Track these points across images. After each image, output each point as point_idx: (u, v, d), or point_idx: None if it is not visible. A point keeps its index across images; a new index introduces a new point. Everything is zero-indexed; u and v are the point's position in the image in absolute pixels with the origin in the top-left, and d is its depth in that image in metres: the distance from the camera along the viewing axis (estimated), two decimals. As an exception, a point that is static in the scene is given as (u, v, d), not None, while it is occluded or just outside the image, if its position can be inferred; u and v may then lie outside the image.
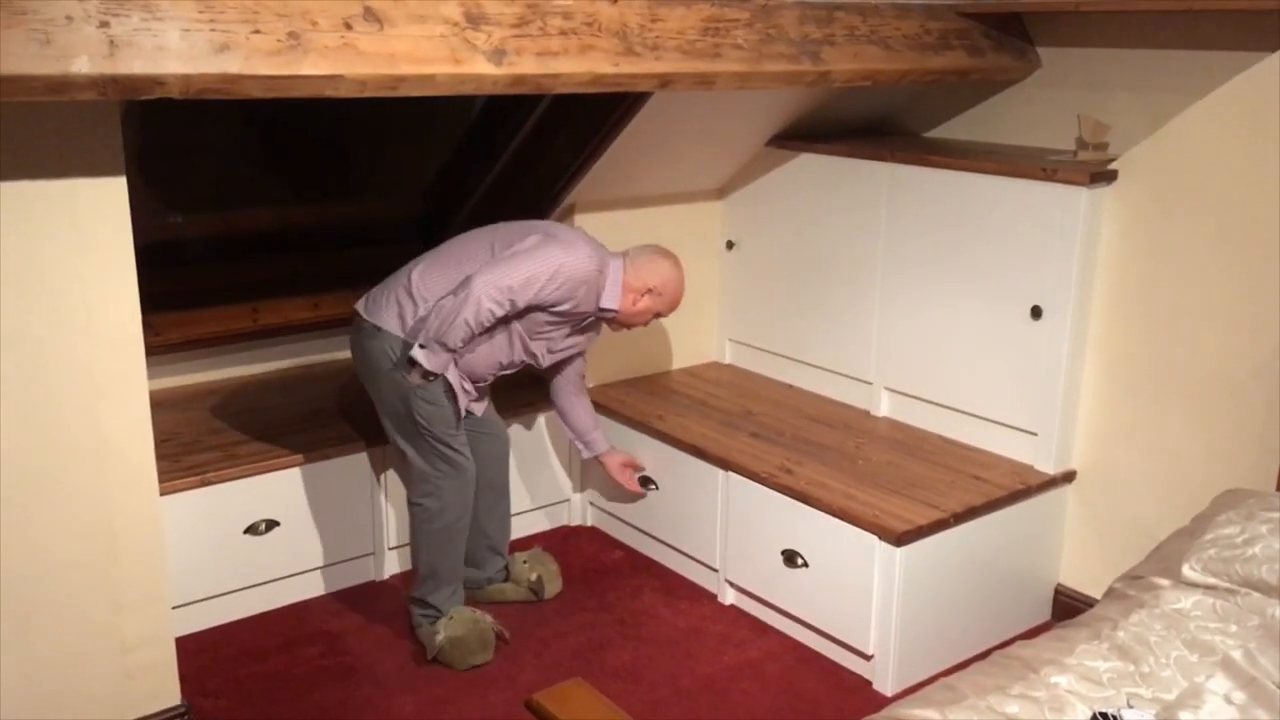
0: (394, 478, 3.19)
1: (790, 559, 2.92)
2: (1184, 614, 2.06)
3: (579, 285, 2.76)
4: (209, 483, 2.89)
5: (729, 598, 3.19)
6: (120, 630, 2.40)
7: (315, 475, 3.06)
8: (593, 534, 3.62)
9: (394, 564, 3.30)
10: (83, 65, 1.85)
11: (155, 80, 1.94)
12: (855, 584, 2.77)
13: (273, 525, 3.02)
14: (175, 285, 3.37)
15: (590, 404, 3.21)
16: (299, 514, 3.06)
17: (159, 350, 3.24)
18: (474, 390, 2.87)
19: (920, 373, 3.27)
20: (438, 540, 2.84)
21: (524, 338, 2.83)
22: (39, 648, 2.31)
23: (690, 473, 3.21)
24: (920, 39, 2.95)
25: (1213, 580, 2.11)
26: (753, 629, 3.07)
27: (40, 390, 2.20)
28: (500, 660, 2.88)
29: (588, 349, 3.07)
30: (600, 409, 3.50)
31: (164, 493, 2.55)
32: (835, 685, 2.81)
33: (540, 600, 3.16)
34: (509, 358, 2.86)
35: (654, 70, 2.50)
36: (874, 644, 2.77)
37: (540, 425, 3.48)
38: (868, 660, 2.81)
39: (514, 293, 2.66)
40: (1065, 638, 2.04)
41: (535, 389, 3.19)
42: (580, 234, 2.86)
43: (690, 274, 3.36)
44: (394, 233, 3.89)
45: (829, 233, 3.45)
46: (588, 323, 2.91)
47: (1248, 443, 2.71)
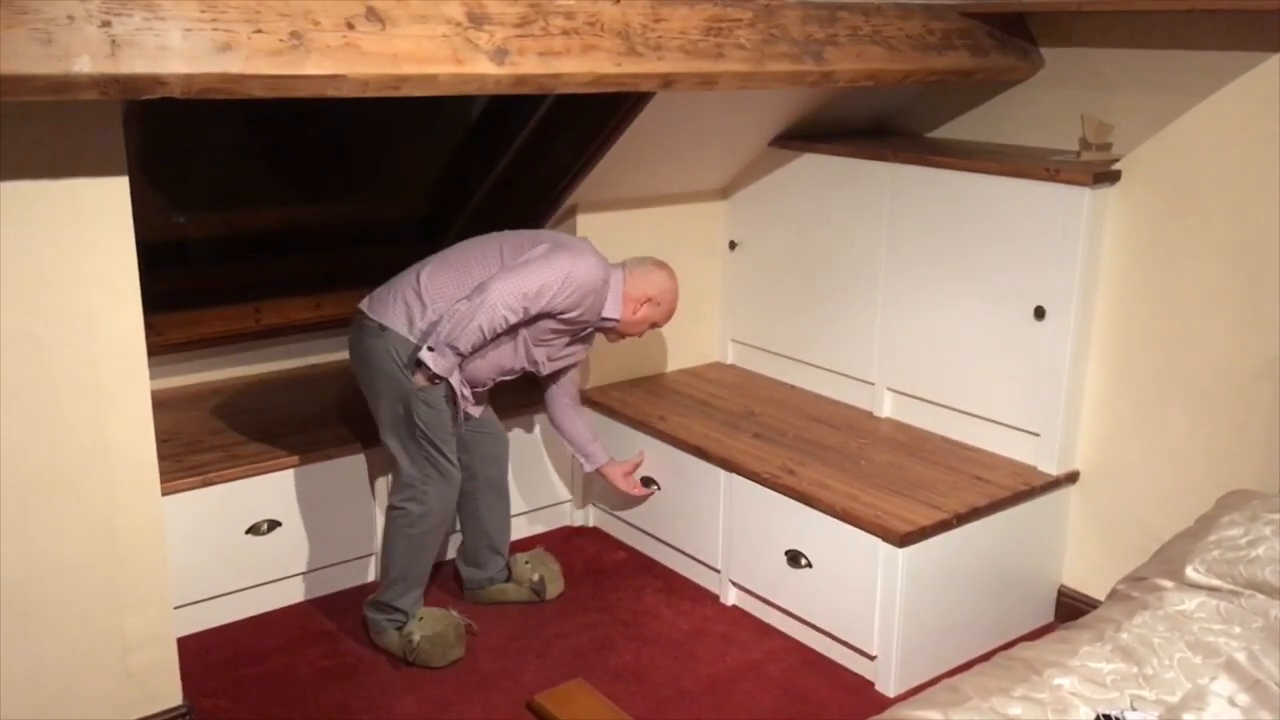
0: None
1: (794, 559, 2.92)
2: (1187, 616, 2.06)
3: (587, 294, 2.79)
4: (211, 483, 2.90)
5: (731, 598, 3.19)
6: (122, 630, 2.40)
7: (317, 475, 3.06)
8: (595, 534, 3.61)
9: (396, 564, 3.29)
10: (84, 65, 1.84)
11: (157, 80, 1.93)
12: (858, 585, 2.77)
13: (274, 525, 3.02)
14: (177, 285, 3.37)
15: (587, 417, 3.23)
16: (301, 514, 3.06)
17: (161, 350, 3.25)
18: (472, 396, 2.88)
19: (923, 373, 3.27)
20: (414, 545, 2.84)
21: (529, 344, 2.85)
22: (40, 648, 2.31)
23: (692, 473, 3.21)
24: (923, 39, 2.95)
25: (1216, 582, 2.11)
26: (755, 630, 3.06)
27: (42, 390, 2.20)
28: (502, 660, 2.88)
29: (583, 359, 3.08)
30: (602, 409, 3.50)
31: (166, 493, 2.55)
32: (838, 686, 2.81)
33: (542, 601, 3.16)
34: (512, 363, 2.88)
35: (656, 70, 2.49)
36: (877, 645, 2.77)
37: (540, 426, 3.47)
38: (871, 661, 2.81)
39: (528, 299, 2.70)
40: (1068, 639, 2.03)
41: (535, 391, 3.19)
42: (586, 243, 2.88)
43: (692, 274, 3.37)
44: (396, 233, 3.89)
45: (832, 233, 3.45)
46: (586, 332, 2.94)
47: (1252, 444, 2.71)
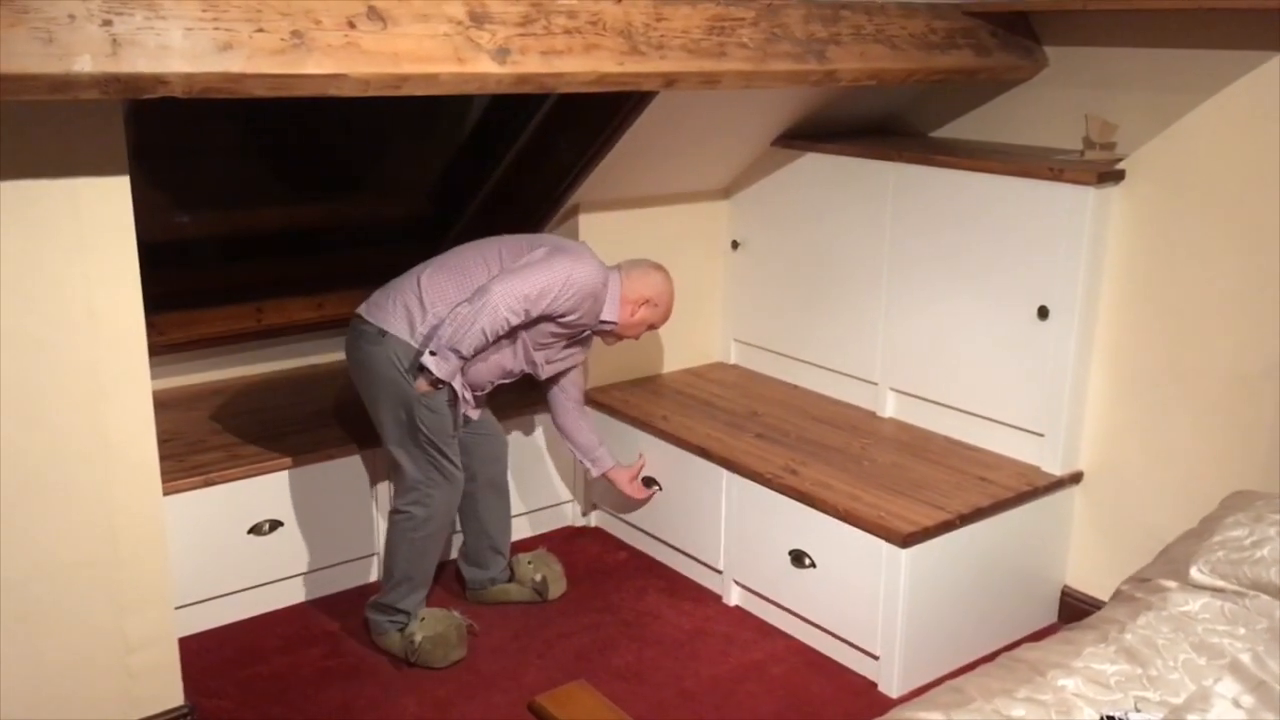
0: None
1: (798, 559, 2.91)
2: (1192, 617, 2.05)
3: (587, 297, 2.80)
4: (212, 483, 2.89)
5: (733, 599, 3.18)
6: (123, 631, 2.40)
7: (319, 475, 3.06)
8: (597, 535, 3.61)
9: (398, 564, 3.29)
10: (85, 64, 1.84)
11: (158, 79, 1.93)
12: (860, 586, 2.77)
13: (276, 525, 3.01)
14: (179, 285, 3.36)
15: (592, 421, 3.23)
16: (302, 514, 3.06)
17: (163, 350, 3.25)
18: (472, 399, 2.88)
19: (926, 373, 3.26)
20: (419, 547, 2.84)
21: (528, 347, 2.85)
22: (41, 649, 2.31)
23: (695, 473, 3.20)
24: (926, 38, 2.94)
25: (1221, 583, 2.10)
26: (757, 630, 3.06)
27: (43, 390, 2.20)
28: (504, 661, 2.88)
29: (581, 362, 3.08)
30: (605, 410, 3.50)
31: (167, 493, 2.55)
32: (840, 687, 2.80)
33: (544, 601, 3.15)
34: (513, 365, 2.88)
35: (659, 69, 2.49)
36: (880, 646, 2.76)
37: (542, 427, 3.47)
38: (874, 661, 2.80)
39: (530, 302, 2.70)
40: (1072, 640, 2.03)
41: (535, 391, 3.18)
42: (584, 247, 2.90)
43: (695, 274, 3.36)
44: (398, 233, 3.88)
45: (834, 233, 3.44)
46: (584, 335, 2.95)
47: (1256, 444, 2.70)
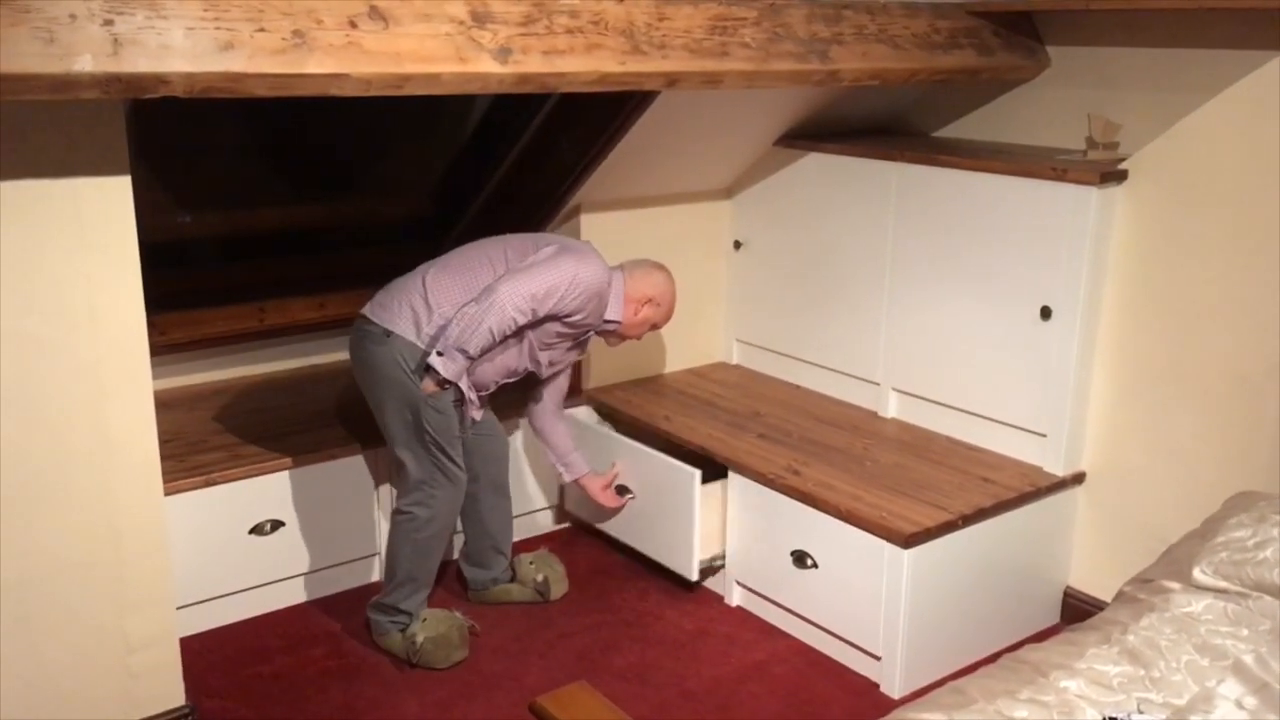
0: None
1: (800, 559, 2.90)
2: (1195, 618, 2.04)
3: (593, 296, 2.80)
4: (214, 483, 2.89)
5: (735, 599, 3.17)
6: (124, 631, 2.40)
7: (320, 475, 3.06)
8: (598, 535, 3.60)
9: (399, 565, 3.29)
10: (86, 64, 1.84)
11: (159, 79, 1.93)
12: (863, 586, 2.76)
13: (277, 526, 3.01)
14: (181, 285, 3.37)
15: (569, 425, 3.22)
16: (304, 514, 3.06)
17: (164, 350, 3.24)
18: (478, 399, 2.88)
19: (928, 374, 3.25)
20: (422, 548, 2.84)
21: (534, 347, 2.85)
22: (42, 649, 2.31)
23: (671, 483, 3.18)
24: (929, 38, 2.94)
25: (1224, 584, 2.09)
26: (759, 631, 3.05)
27: (44, 390, 2.20)
28: (505, 661, 2.88)
29: (574, 363, 3.08)
30: (606, 410, 3.49)
31: (169, 493, 2.55)
32: (843, 687, 2.80)
33: (546, 601, 3.15)
34: (518, 365, 2.88)
35: (661, 69, 2.49)
36: (882, 646, 2.76)
37: (546, 426, 3.47)
38: (876, 662, 2.79)
39: (537, 301, 2.70)
40: (1075, 641, 2.02)
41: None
42: (589, 246, 2.89)
43: (697, 274, 3.36)
44: (400, 233, 3.88)
45: (837, 233, 3.43)
46: (586, 336, 2.94)
47: (1259, 444, 2.69)
